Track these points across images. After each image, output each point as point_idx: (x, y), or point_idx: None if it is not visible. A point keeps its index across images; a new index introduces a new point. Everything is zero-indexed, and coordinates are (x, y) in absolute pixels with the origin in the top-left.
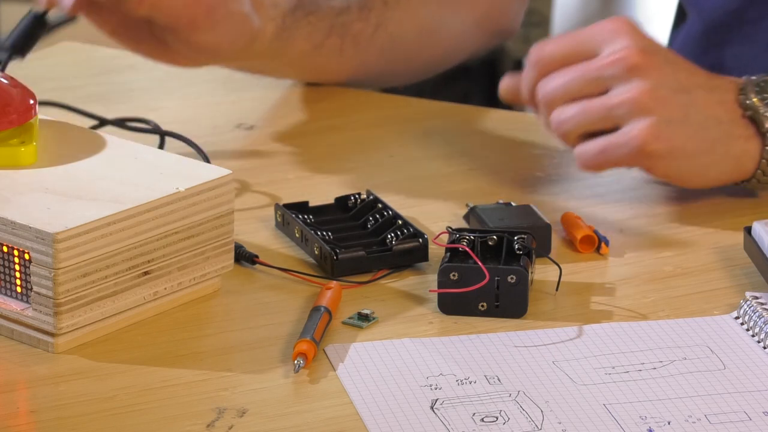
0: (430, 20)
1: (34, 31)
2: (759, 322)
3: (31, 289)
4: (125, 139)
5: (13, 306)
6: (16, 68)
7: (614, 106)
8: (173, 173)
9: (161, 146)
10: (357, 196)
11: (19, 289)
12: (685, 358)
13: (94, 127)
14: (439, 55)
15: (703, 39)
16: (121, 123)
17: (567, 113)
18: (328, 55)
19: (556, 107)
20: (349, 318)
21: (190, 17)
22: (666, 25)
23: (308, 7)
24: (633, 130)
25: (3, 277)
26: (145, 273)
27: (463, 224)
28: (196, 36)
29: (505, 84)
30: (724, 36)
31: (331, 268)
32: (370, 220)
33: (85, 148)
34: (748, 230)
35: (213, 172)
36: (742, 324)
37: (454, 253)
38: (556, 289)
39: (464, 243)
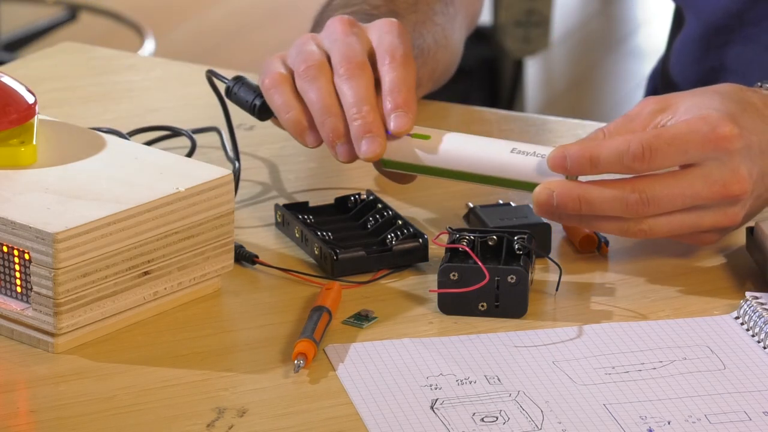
0: (452, 40)
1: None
2: (759, 322)
3: (31, 289)
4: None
5: (13, 306)
6: (17, 68)
7: (705, 227)
8: (173, 173)
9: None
10: (357, 196)
11: (19, 289)
12: (685, 358)
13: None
14: (454, 67)
15: (703, 41)
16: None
17: (659, 226)
18: None
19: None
20: (349, 318)
21: None
22: (665, 27)
23: None
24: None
25: (3, 277)
26: (145, 273)
27: (463, 224)
28: None
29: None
30: (725, 38)
31: (331, 268)
32: (370, 220)
33: (85, 148)
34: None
35: (213, 172)
36: (742, 324)
37: (454, 253)
38: (556, 289)
39: (464, 243)
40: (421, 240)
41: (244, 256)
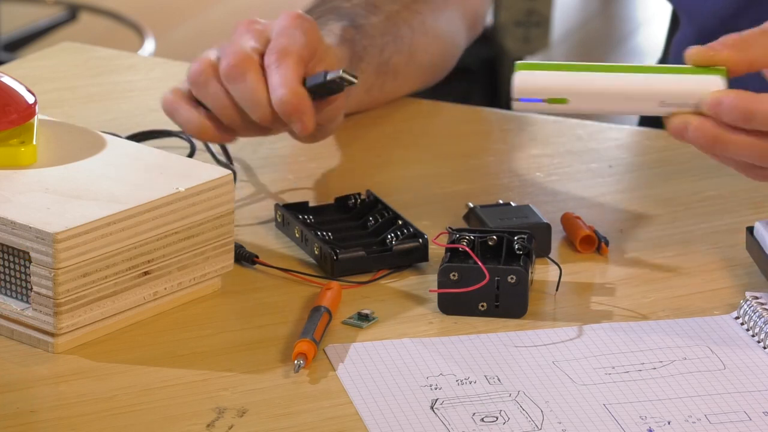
0: (439, 29)
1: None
2: (759, 322)
3: (31, 289)
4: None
5: (13, 306)
6: (16, 68)
7: None
8: (173, 173)
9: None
10: (357, 196)
11: (19, 289)
12: (685, 358)
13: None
14: (448, 61)
15: (696, 44)
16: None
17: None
18: (374, 94)
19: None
20: (349, 318)
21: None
22: (664, 27)
23: (360, 53)
24: None
25: (3, 277)
26: (145, 273)
27: (463, 224)
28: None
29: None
30: None
31: (331, 268)
32: (370, 220)
33: (85, 148)
34: (750, 230)
35: (213, 172)
36: (742, 324)
37: (454, 253)
38: (556, 289)
39: (464, 243)
40: (421, 240)
41: (244, 256)
